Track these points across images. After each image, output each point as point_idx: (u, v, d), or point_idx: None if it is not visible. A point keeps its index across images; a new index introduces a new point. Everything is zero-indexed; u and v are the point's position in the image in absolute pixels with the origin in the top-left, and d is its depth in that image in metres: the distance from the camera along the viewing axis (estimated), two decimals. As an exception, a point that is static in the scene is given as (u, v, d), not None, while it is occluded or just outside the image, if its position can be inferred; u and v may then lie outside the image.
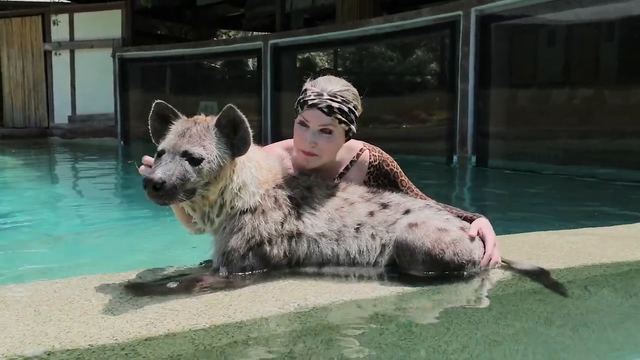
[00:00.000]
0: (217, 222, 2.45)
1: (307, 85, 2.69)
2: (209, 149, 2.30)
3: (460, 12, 10.82)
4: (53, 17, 17.84)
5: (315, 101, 2.61)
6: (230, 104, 2.33)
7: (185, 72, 17.98)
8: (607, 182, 8.47)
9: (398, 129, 12.67)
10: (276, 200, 2.50)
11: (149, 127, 2.43)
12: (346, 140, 2.76)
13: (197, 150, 2.26)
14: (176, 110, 2.42)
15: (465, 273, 2.47)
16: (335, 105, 2.60)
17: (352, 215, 2.55)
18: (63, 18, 18.54)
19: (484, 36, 10.64)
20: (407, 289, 2.33)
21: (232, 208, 2.43)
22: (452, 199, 7.30)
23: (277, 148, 2.91)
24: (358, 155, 2.89)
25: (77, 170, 12.53)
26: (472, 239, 2.55)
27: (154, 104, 2.41)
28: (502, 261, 2.64)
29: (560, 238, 3.35)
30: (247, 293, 2.24)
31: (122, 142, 18.28)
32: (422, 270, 2.43)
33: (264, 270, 2.43)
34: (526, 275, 2.54)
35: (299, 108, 2.68)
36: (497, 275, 2.55)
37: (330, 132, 2.63)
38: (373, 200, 2.63)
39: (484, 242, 2.61)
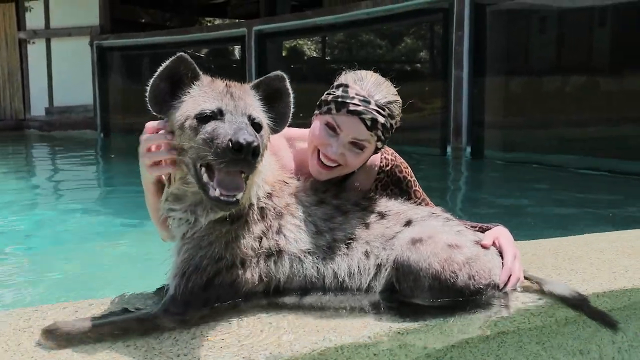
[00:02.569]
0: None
1: (349, 80, 2.16)
2: (262, 115, 1.87)
3: (454, -5, 10.30)
4: (27, 4, 17.04)
5: (359, 108, 2.07)
6: (282, 73, 1.93)
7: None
8: (616, 176, 8.03)
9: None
10: (262, 211, 1.96)
11: (151, 87, 1.83)
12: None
13: (258, 115, 1.83)
14: (197, 69, 1.86)
15: (483, 300, 1.95)
16: (381, 120, 2.09)
17: (344, 228, 2.03)
18: (37, 5, 17.78)
19: (478, 21, 10.12)
20: (409, 324, 1.82)
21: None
22: (447, 198, 6.81)
23: (276, 135, 2.34)
24: None
25: (55, 169, 11.86)
26: (485, 248, 2.04)
27: (174, 57, 1.81)
28: (526, 278, 2.12)
29: (585, 245, 2.85)
30: (203, 339, 1.71)
31: (102, 135, 17.61)
32: (429, 298, 1.92)
33: (233, 300, 1.88)
34: (560, 302, 2.02)
35: (332, 106, 2.11)
36: (525, 301, 2.02)
37: (362, 148, 2.13)
38: (369, 209, 2.11)
39: (501, 254, 2.10)
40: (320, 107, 2.17)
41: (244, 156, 1.60)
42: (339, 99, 2.10)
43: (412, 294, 1.92)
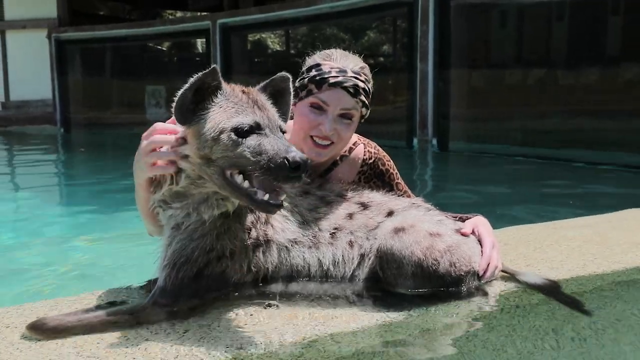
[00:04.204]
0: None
1: (317, 60, 2.26)
2: (283, 122, 1.93)
3: (419, -11, 10.41)
4: (-22, -5, 16.43)
5: (339, 79, 2.16)
6: (287, 74, 1.96)
7: (129, 54, 16.97)
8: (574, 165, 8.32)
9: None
10: None
11: (180, 97, 1.76)
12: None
13: (283, 124, 1.89)
14: (222, 80, 1.84)
15: (463, 288, 2.02)
16: (361, 85, 2.20)
17: (329, 218, 2.07)
18: (-9, -4, 17.13)
19: (442, 15, 10.28)
20: (393, 315, 1.87)
21: None
22: (416, 190, 6.92)
23: None
24: (351, 149, 2.41)
25: (13, 165, 11.44)
26: (465, 236, 2.12)
27: (208, 70, 1.75)
28: (503, 270, 2.21)
29: (554, 233, 2.97)
30: (194, 330, 1.72)
31: (62, 130, 17.15)
32: (412, 286, 1.97)
33: (221, 292, 1.89)
34: (535, 290, 2.11)
35: (312, 86, 2.18)
36: (501, 289, 2.10)
37: (350, 117, 2.22)
38: (352, 200, 2.15)
39: (480, 243, 2.18)
40: (298, 94, 2.21)
41: (299, 173, 1.66)
42: (317, 77, 2.17)
43: (396, 281, 1.97)
